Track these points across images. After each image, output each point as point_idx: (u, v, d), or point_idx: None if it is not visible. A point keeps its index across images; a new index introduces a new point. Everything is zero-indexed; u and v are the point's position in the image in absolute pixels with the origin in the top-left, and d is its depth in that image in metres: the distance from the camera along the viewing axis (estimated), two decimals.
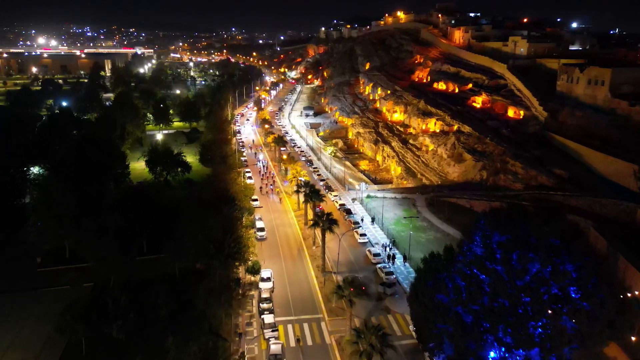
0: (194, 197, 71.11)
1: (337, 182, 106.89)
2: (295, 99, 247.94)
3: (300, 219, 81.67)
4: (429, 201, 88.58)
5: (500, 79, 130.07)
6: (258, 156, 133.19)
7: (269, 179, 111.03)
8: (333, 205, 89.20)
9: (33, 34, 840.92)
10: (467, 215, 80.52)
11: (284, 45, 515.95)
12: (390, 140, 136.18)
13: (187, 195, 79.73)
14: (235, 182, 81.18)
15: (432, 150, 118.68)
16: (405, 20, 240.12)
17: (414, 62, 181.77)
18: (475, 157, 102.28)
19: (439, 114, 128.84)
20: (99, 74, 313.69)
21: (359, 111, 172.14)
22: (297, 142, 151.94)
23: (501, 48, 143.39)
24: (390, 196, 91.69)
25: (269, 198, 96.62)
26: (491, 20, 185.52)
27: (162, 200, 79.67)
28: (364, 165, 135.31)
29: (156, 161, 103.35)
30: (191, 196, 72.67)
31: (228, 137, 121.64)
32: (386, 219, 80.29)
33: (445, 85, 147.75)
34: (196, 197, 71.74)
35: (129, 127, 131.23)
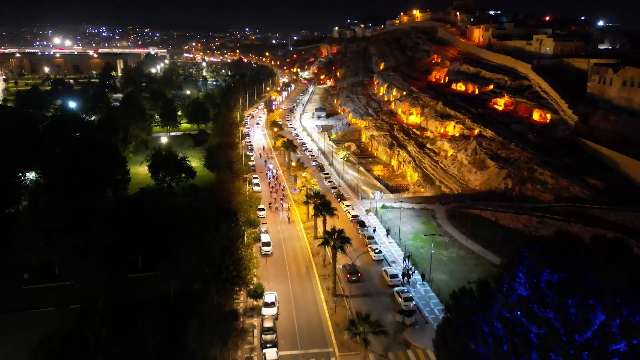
0: (193, 210, 65.06)
1: (349, 189, 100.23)
2: (307, 99, 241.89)
3: (309, 232, 75.30)
4: (449, 213, 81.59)
5: (524, 80, 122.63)
6: (268, 164, 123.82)
7: (279, 191, 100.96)
8: (345, 216, 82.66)
9: (50, 34, 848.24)
10: (493, 229, 73.58)
11: (297, 45, 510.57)
12: (406, 144, 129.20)
13: (188, 206, 73.81)
14: (239, 192, 75.06)
15: (451, 156, 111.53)
16: (421, 18, 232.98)
17: (430, 62, 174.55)
18: (499, 164, 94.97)
19: (458, 116, 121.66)
20: (110, 74, 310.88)
21: (372, 113, 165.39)
22: (308, 145, 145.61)
23: (524, 47, 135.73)
24: (407, 206, 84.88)
25: (279, 215, 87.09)
26: (512, 18, 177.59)
27: (163, 209, 74.06)
28: (378, 171, 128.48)
29: (159, 166, 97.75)
30: (191, 208, 66.68)
31: (235, 141, 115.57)
32: (403, 233, 73.53)
33: (465, 86, 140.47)
34: (196, 209, 65.67)
35: (134, 130, 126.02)
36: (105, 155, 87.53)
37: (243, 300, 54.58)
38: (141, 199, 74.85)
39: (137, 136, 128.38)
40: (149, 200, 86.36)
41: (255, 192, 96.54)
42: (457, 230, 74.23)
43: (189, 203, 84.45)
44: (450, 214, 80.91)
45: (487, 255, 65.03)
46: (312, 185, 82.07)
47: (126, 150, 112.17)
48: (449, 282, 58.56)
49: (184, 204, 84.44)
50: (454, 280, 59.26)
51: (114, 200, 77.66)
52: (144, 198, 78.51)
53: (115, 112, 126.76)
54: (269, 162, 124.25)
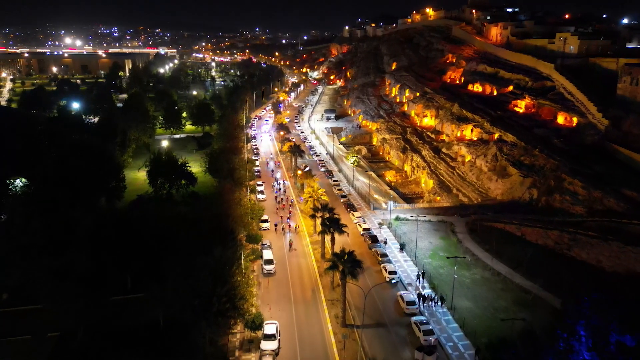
0: (189, 223, 58.73)
1: (360, 198, 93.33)
2: (316, 100, 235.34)
3: (316, 247, 68.60)
4: (470, 226, 74.49)
5: (547, 81, 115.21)
6: (274, 174, 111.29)
7: (286, 207, 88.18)
8: (355, 229, 75.88)
9: (62, 34, 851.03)
10: (519, 246, 66.49)
11: (306, 45, 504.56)
12: (420, 149, 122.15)
13: (185, 217, 67.54)
14: (239, 204, 68.63)
15: (469, 162, 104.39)
16: (435, 17, 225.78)
17: (445, 62, 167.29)
18: (523, 172, 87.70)
19: (476, 119, 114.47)
20: (117, 74, 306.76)
21: (384, 115, 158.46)
22: (317, 149, 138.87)
23: (546, 46, 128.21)
24: (423, 218, 77.87)
25: (284, 237, 74.40)
26: (530, 16, 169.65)
27: (158, 221, 67.96)
28: (390, 176, 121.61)
29: (158, 172, 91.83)
30: (187, 221, 60.38)
31: (239, 145, 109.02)
32: (420, 249, 66.57)
33: (482, 87, 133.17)
34: (192, 223, 59.35)
35: (134, 133, 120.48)
36: (99, 161, 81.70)
37: (240, 331, 48.13)
38: (132, 212, 68.59)
39: (138, 139, 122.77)
40: (145, 210, 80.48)
41: (258, 201, 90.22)
42: (480, 247, 67.14)
43: (187, 213, 78.36)
44: (471, 228, 73.83)
45: (514, 278, 57.97)
46: (320, 196, 75.32)
47: (125, 154, 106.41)
48: (474, 311, 51.71)
49: (182, 214, 78.38)
50: (479, 308, 52.38)
51: (105, 212, 71.70)
52: (137, 209, 72.37)
53: (115, 114, 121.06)
54: (275, 171, 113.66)
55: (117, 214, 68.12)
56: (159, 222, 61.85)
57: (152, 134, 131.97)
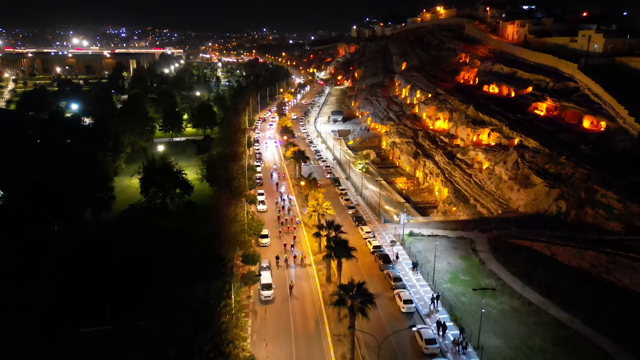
0: (174, 251, 51.64)
1: (369, 209, 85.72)
2: (323, 101, 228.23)
3: (321, 268, 61.17)
4: (493, 244, 66.82)
5: (569, 81, 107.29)
6: (279, 187, 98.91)
7: (291, 231, 75.35)
8: (365, 245, 68.43)
9: (70, 35, 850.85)
10: (551, 269, 58.81)
11: (314, 45, 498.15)
12: (433, 154, 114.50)
13: (178, 231, 60.74)
14: (235, 220, 61.39)
15: (487, 169, 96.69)
16: (446, 15, 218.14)
17: (458, 62, 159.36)
18: (548, 182, 79.87)
19: (493, 123, 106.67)
20: (121, 74, 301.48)
21: (394, 117, 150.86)
22: (323, 154, 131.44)
23: (568, 44, 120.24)
24: (439, 233, 70.31)
25: (289, 272, 61.88)
26: (547, 13, 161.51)
27: (145, 240, 61.23)
28: (401, 183, 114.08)
29: (151, 180, 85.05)
30: (174, 244, 53.46)
31: (240, 151, 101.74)
32: (438, 271, 58.94)
33: (498, 88, 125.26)
34: (179, 247, 52.34)
35: (130, 137, 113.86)
36: (85, 169, 74.97)
37: None
38: (117, 227, 61.68)
39: (134, 143, 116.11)
40: (134, 223, 73.88)
41: (259, 212, 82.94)
42: (505, 269, 59.48)
43: (180, 227, 71.59)
44: (494, 246, 66.16)
45: (549, 309, 50.29)
46: (325, 210, 67.91)
47: (118, 160, 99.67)
48: (505, 351, 44.17)
49: (174, 227, 71.69)
50: (510, 347, 44.82)
51: (89, 226, 64.83)
52: (128, 220, 65.55)
53: (109, 117, 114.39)
54: (280, 184, 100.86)
55: (101, 229, 61.14)
56: (145, 241, 54.88)
57: (149, 138, 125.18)
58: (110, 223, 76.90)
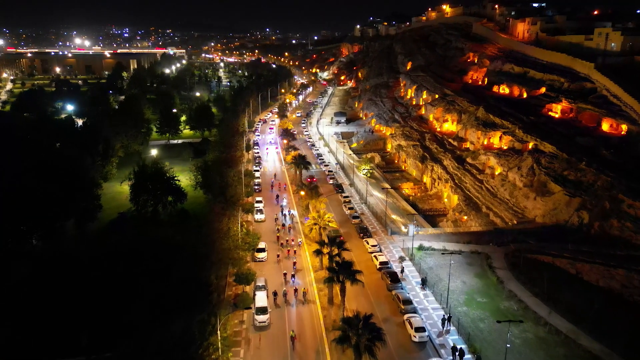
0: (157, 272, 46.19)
1: (375, 219, 79.85)
2: (325, 102, 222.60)
3: (322, 287, 55.13)
4: (511, 259, 61.00)
5: (586, 82, 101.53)
6: (280, 200, 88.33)
7: (291, 255, 65.11)
8: (370, 261, 62.73)
9: (74, 35, 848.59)
10: (578, 289, 53.00)
11: (317, 45, 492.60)
12: (442, 158, 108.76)
13: (167, 243, 55.30)
14: (227, 235, 55.67)
15: (500, 175, 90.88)
16: (452, 14, 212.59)
17: (465, 61, 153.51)
18: (568, 190, 73.99)
19: (505, 125, 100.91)
20: (121, 74, 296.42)
21: (399, 119, 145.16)
22: (325, 157, 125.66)
23: (583, 43, 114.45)
24: (451, 247, 64.55)
25: (289, 308, 52.78)
26: (557, 11, 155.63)
27: (130, 253, 55.77)
28: (407, 189, 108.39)
29: (141, 187, 79.66)
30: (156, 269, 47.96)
31: (237, 156, 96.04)
32: (451, 292, 53.11)
33: (509, 88, 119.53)
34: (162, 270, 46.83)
35: (123, 139, 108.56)
36: (69, 175, 69.57)
37: None
38: (85, 252, 56.03)
39: (127, 146, 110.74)
40: (122, 234, 68.48)
41: (256, 222, 77.27)
42: (527, 289, 53.66)
43: (170, 238, 66.16)
44: (512, 262, 60.35)
45: (580, 338, 44.40)
46: (327, 222, 62.17)
47: (108, 165, 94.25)
48: None
49: (165, 238, 66.30)
50: None
51: (72, 238, 59.37)
52: (117, 230, 60.05)
53: (101, 119, 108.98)
54: (281, 197, 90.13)
55: (81, 244, 55.60)
56: (128, 259, 49.38)
57: (144, 141, 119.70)
58: (96, 234, 71.56)
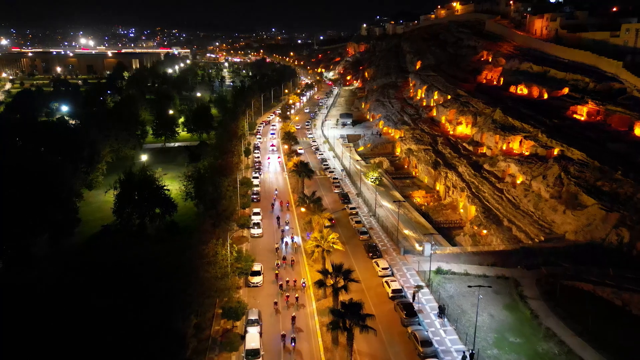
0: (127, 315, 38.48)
1: (385, 234, 71.50)
2: (331, 103, 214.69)
3: (325, 320, 47.35)
4: (544, 286, 52.72)
5: (613, 82, 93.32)
6: (280, 222, 75.48)
7: (292, 297, 52.98)
8: (381, 286, 54.64)
9: (80, 35, 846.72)
10: (627, 324, 44.73)
11: (322, 44, 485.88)
12: (456, 164, 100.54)
13: (153, 263, 47.65)
14: (213, 262, 47.52)
15: (522, 184, 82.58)
16: (463, 11, 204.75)
17: (479, 60, 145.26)
18: (604, 204, 65.60)
19: (526, 129, 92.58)
20: (121, 74, 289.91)
21: (409, 121, 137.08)
22: (330, 163, 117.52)
23: (608, 39, 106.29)
24: (474, 271, 56.40)
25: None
26: (575, 7, 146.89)
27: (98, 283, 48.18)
28: (419, 198, 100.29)
29: (127, 197, 72.06)
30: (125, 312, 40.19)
31: (234, 162, 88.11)
32: (478, 328, 44.93)
33: (528, 89, 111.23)
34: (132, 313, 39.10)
35: (113, 144, 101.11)
36: (42, 185, 62.05)
37: None
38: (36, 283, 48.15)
39: (118, 151, 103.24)
40: (100, 253, 60.96)
41: (252, 237, 69.33)
42: (567, 326, 45.37)
43: (155, 258, 58.54)
44: (545, 289, 52.10)
45: None
46: (331, 245, 53.96)
47: (94, 172, 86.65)
48: None
49: (147, 259, 58.68)
50: None
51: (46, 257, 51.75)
52: (102, 242, 52.35)
53: (89, 121, 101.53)
54: (282, 219, 77.04)
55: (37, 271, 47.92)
56: (93, 292, 41.64)
57: (136, 144, 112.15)
58: (72, 251, 64.06)
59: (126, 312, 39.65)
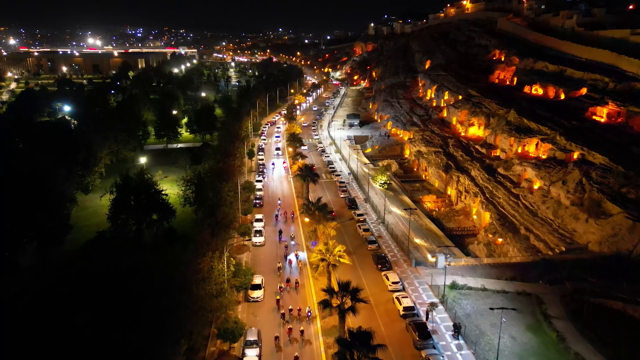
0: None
1: (394, 243, 67.17)
2: (337, 103, 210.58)
3: (330, 339, 43.51)
4: (569, 304, 48.29)
5: (635, 82, 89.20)
6: (283, 237, 68.90)
7: (299, 317, 48.49)
8: (391, 302, 50.44)
9: (88, 35, 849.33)
10: None
11: (329, 44, 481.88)
12: (469, 167, 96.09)
13: (146, 277, 43.92)
14: (210, 276, 43.59)
15: (540, 190, 78.03)
16: (473, 9, 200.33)
17: (491, 59, 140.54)
18: (631, 213, 61.05)
19: (543, 131, 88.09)
20: (126, 73, 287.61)
21: (418, 122, 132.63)
22: (337, 165, 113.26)
23: (628, 38, 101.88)
24: (492, 286, 52.10)
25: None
26: (590, 4, 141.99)
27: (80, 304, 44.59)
28: (429, 202, 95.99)
29: (123, 203, 68.42)
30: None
31: (235, 165, 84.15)
32: (500, 353, 40.67)
33: (543, 89, 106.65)
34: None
35: (113, 145, 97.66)
36: (29, 190, 58.47)
37: None
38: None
39: (117, 152, 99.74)
40: (91, 263, 57.36)
41: (254, 246, 65.39)
42: (598, 351, 40.98)
43: (150, 267, 54.69)
44: (571, 308, 47.68)
45: None
46: (337, 258, 49.65)
47: (91, 175, 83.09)
48: None
49: (141, 268, 54.83)
50: None
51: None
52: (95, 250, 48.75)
53: (85, 122, 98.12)
54: (287, 230, 71.41)
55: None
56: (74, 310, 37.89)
57: (137, 146, 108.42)
58: (63, 260, 60.50)
59: (109, 331, 35.92)
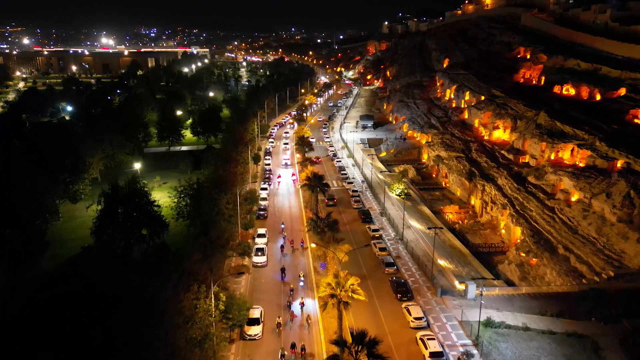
0: None
1: (415, 266, 58.55)
2: (350, 103, 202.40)
3: None
4: (630, 349, 39.65)
5: None
6: (295, 292, 51.85)
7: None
8: (414, 343, 42.19)
9: (103, 35, 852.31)
10: None
11: (342, 43, 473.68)
12: (495, 175, 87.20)
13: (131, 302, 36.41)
14: (196, 315, 35.66)
15: (579, 203, 68.93)
16: (493, 5, 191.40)
17: (515, 57, 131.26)
18: None
19: (579, 135, 78.88)
20: (135, 73, 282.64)
21: (437, 124, 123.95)
22: (349, 171, 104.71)
23: None
24: (536, 326, 43.46)
25: None
26: None
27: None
28: (451, 214, 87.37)
29: (109, 215, 61.06)
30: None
31: (238, 172, 76.35)
32: None
33: (575, 89, 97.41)
34: None
35: (108, 149, 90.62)
36: (6, 204, 51.25)
37: None
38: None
39: (113, 156, 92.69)
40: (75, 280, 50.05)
41: (254, 267, 57.35)
42: None
43: (133, 294, 47.07)
44: (633, 353, 39.04)
45: None
46: (350, 294, 40.80)
47: (79, 183, 75.88)
48: None
49: (124, 295, 47.21)
50: None
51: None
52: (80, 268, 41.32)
53: (74, 124, 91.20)
54: (294, 272, 56.85)
55: None
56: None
57: (134, 150, 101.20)
58: (38, 281, 53.25)
59: None
